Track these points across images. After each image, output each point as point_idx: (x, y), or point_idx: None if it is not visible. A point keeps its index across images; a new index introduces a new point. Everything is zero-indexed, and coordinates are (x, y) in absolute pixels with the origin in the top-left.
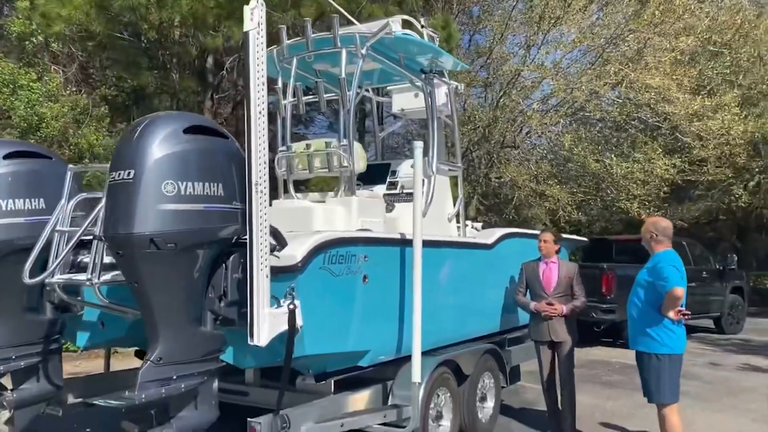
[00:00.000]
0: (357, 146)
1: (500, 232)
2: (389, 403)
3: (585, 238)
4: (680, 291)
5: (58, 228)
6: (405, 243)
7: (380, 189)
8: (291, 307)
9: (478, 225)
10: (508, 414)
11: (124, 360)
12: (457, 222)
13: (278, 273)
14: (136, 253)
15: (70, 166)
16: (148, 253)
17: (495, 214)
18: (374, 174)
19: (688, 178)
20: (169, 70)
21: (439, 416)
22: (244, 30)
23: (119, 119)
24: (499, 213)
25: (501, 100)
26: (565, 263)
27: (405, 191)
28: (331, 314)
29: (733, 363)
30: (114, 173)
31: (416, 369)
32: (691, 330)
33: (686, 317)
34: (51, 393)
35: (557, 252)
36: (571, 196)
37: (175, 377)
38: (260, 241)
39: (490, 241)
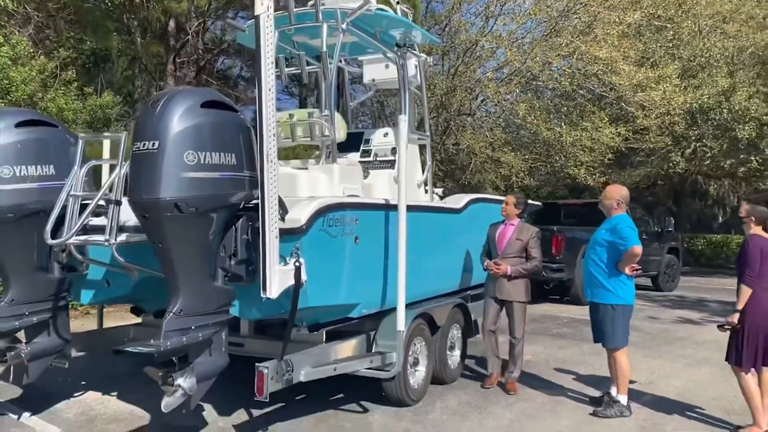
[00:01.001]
0: (338, 116)
1: (468, 197)
2: (373, 351)
3: (539, 203)
4: (639, 249)
5: (72, 193)
6: (390, 207)
7: (354, 156)
8: (297, 264)
9: (439, 191)
10: (470, 361)
11: (113, 320)
12: (425, 188)
13: (284, 235)
14: (161, 216)
15: (82, 135)
16: (172, 217)
17: (451, 179)
18: (349, 142)
19: (631, 145)
20: (134, 34)
21: (416, 362)
22: (255, 14)
23: (84, 83)
24: (455, 179)
25: (458, 69)
26: (524, 226)
27: (378, 159)
28: (328, 271)
29: (669, 316)
30: (138, 143)
31: (401, 318)
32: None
33: (638, 272)
34: (60, 346)
35: (519, 216)
36: (523, 163)
37: (193, 327)
38: (271, 206)
39: (459, 205)
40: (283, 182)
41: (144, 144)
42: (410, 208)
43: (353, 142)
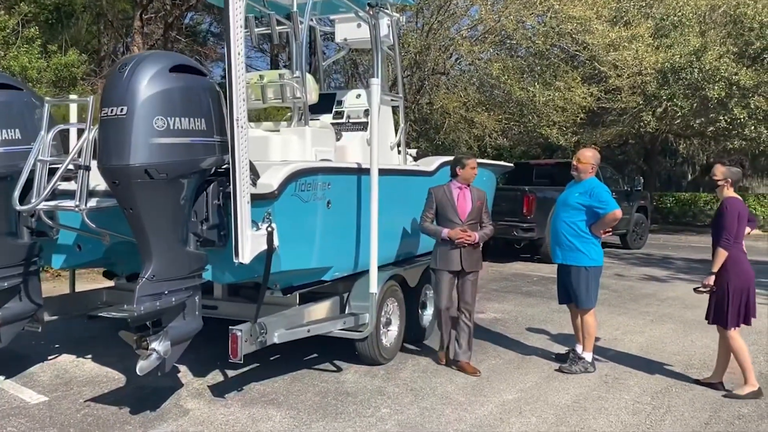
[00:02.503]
0: (309, 78)
1: (439, 160)
2: (347, 312)
3: (511, 164)
4: (620, 213)
5: (39, 158)
6: (362, 171)
7: (327, 118)
8: (269, 229)
9: (413, 151)
10: None
11: (85, 283)
12: (399, 149)
13: (256, 200)
14: (131, 182)
15: (47, 98)
16: (142, 183)
17: (425, 140)
18: (321, 104)
19: (603, 105)
20: None
21: (388, 322)
22: None
23: (47, 40)
24: (429, 139)
25: (432, 27)
26: (476, 190)
27: (351, 121)
28: (300, 235)
29: (636, 274)
30: (107, 109)
31: (373, 281)
32: (605, 245)
33: (609, 233)
34: (32, 311)
35: None
36: (497, 123)
37: (166, 292)
38: (242, 172)
39: (431, 168)
40: (254, 145)
41: (112, 110)
42: (382, 172)
43: (325, 104)
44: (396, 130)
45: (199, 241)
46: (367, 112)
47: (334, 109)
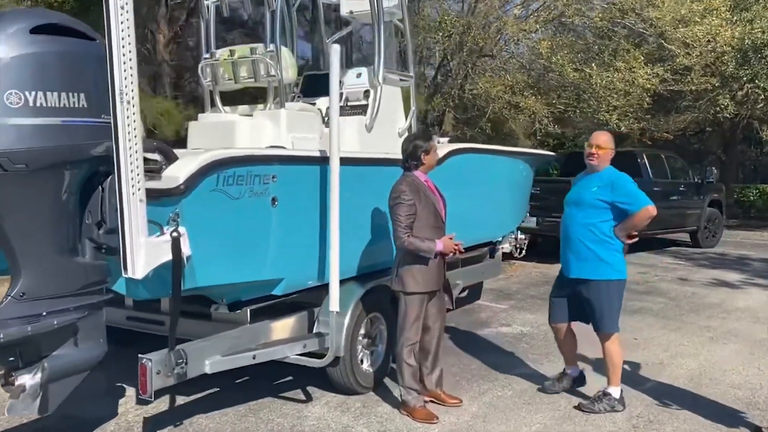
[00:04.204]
0: (285, 52)
1: (448, 147)
2: (314, 331)
3: (551, 153)
4: (654, 210)
5: None
6: (328, 161)
7: (323, 101)
8: (174, 234)
9: (445, 140)
10: (453, 337)
11: None
12: None
13: (162, 196)
14: None
15: None
16: None
17: (470, 128)
18: (317, 85)
19: (672, 88)
20: None
21: (372, 343)
22: None
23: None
24: (473, 127)
25: (476, 5)
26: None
27: (349, 104)
28: (229, 241)
29: (703, 278)
30: None
31: (334, 297)
32: (665, 244)
33: (633, 240)
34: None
35: None
36: (547, 108)
37: (44, 313)
38: (129, 159)
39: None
40: (219, 131)
41: None
42: (358, 162)
43: (322, 84)
44: (406, 115)
45: (102, 249)
46: (367, 94)
47: None
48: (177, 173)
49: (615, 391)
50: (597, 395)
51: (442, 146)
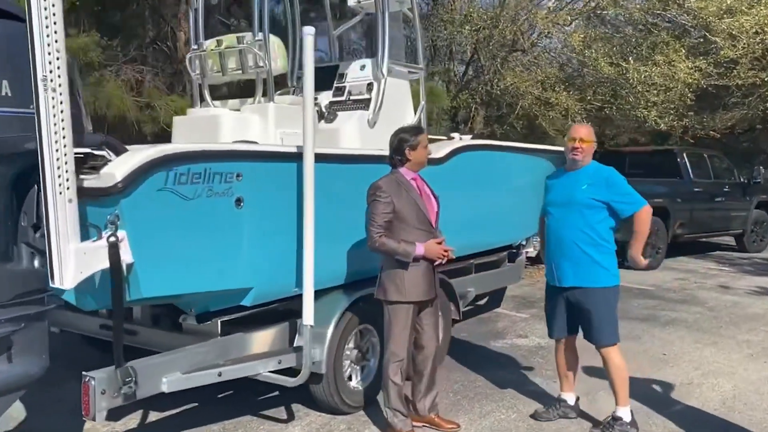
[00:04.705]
0: (274, 41)
1: (457, 144)
2: (295, 345)
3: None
4: (650, 209)
5: None
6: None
7: (326, 96)
8: (112, 240)
9: (467, 137)
10: (461, 349)
11: None
12: None
13: (101, 196)
14: None
15: None
16: None
17: (501, 126)
18: (319, 78)
19: (716, 82)
20: None
21: (361, 357)
22: None
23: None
24: (503, 125)
25: None
26: (424, 180)
27: (352, 98)
28: (183, 247)
29: (746, 285)
30: None
31: (307, 310)
32: (708, 248)
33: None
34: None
35: None
36: (580, 104)
37: None
38: (54, 154)
39: (440, 154)
40: (203, 126)
41: None
42: (345, 159)
43: (325, 78)
44: (415, 110)
45: (38, 254)
46: (370, 87)
47: (334, 85)
48: (114, 170)
49: (626, 414)
50: (607, 421)
51: (448, 143)
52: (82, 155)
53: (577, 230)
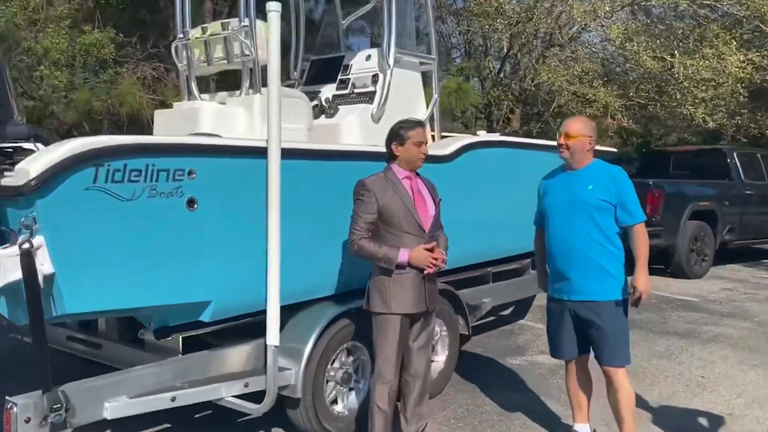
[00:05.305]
0: (262, 27)
1: (466, 140)
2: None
3: (612, 149)
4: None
5: None
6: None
7: (329, 89)
8: (25, 246)
9: (495, 135)
10: (473, 366)
11: None
12: (431, 129)
13: (15, 196)
14: None
15: None
16: None
17: (537, 123)
18: (323, 70)
19: None
20: None
21: (347, 378)
22: None
23: (113, 24)
24: (539, 122)
25: None
26: (426, 180)
27: (356, 91)
28: (118, 255)
29: None
30: None
31: (271, 328)
32: (761, 255)
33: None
34: None
35: None
36: (619, 100)
37: None
38: None
39: (446, 151)
40: (184, 120)
41: None
42: (338, 155)
43: (329, 70)
44: (427, 104)
45: None
46: (375, 78)
47: (338, 77)
48: (29, 166)
49: None
50: None
51: (455, 140)
52: (10, 149)
53: (586, 235)
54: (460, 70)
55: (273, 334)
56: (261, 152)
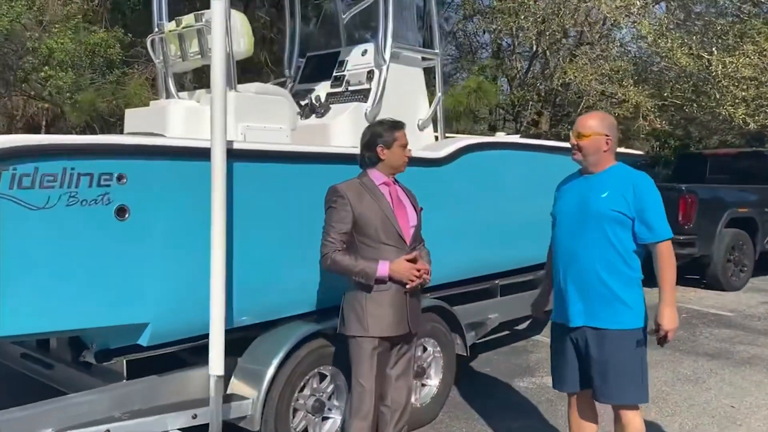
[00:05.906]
0: (238, 18)
1: (464, 141)
2: (228, 392)
3: (639, 152)
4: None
5: None
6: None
7: (323, 87)
8: None
9: (515, 136)
10: (476, 388)
11: None
12: (435, 130)
13: None
14: None
15: None
16: None
17: (566, 125)
18: (317, 67)
19: None
20: None
21: (319, 407)
22: None
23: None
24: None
25: None
26: (404, 186)
27: (350, 88)
28: (27, 273)
29: None
30: None
31: (215, 354)
32: None
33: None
34: None
35: None
36: (651, 100)
37: None
38: None
39: (440, 154)
40: (149, 121)
41: None
42: (315, 157)
43: (324, 66)
44: (430, 102)
45: None
46: (370, 75)
47: (333, 74)
48: None
49: None
50: None
51: (450, 141)
52: None
53: (596, 251)
54: (482, 68)
55: (216, 363)
56: (207, 154)
